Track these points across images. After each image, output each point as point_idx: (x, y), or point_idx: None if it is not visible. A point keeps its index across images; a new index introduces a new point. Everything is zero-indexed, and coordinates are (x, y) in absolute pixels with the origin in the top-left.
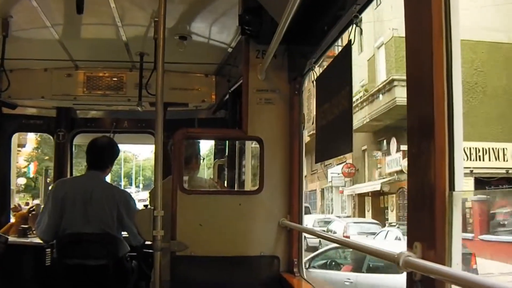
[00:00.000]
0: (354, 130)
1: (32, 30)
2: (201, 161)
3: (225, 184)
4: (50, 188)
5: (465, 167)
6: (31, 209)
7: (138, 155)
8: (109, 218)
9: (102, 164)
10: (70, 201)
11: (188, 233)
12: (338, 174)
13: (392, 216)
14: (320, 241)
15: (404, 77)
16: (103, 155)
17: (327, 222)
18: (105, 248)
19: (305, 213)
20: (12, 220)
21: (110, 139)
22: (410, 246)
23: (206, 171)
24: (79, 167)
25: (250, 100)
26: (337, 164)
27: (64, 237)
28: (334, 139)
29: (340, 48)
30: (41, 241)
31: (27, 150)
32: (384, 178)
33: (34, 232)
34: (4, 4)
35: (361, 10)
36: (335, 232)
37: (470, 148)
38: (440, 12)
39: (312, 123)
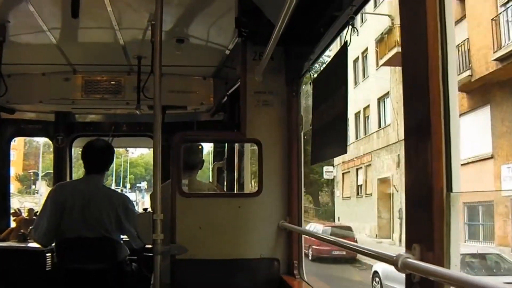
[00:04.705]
0: None
1: (29, 35)
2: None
3: (224, 187)
4: (48, 192)
5: None
6: (37, 213)
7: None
8: (107, 222)
9: (102, 167)
10: (69, 205)
11: (188, 237)
12: None
13: None
14: None
15: None
16: (101, 158)
17: None
18: (105, 252)
19: None
20: (13, 225)
21: (106, 142)
22: (408, 247)
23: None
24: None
25: (248, 102)
26: None
27: (64, 241)
28: (329, 140)
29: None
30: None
31: None
32: None
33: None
34: (1, 9)
35: (356, 11)
36: None
37: None
38: (435, 15)
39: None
